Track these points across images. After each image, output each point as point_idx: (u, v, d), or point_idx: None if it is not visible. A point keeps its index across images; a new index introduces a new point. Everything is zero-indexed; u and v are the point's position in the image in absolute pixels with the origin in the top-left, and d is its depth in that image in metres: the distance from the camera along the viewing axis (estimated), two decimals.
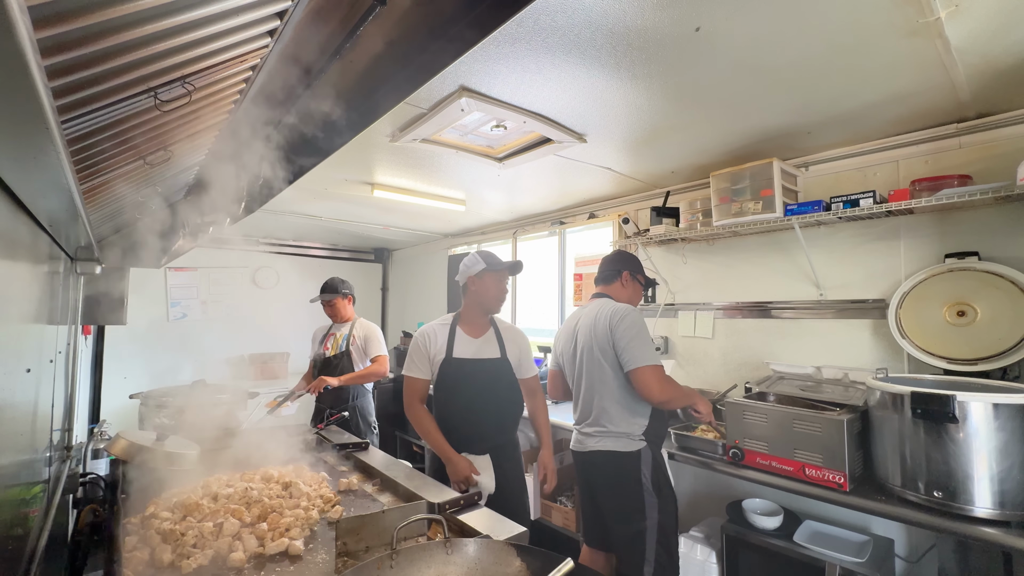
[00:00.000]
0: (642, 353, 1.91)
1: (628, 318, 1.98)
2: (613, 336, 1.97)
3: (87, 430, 3.48)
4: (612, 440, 1.99)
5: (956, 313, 2.00)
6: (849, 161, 2.42)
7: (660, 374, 1.92)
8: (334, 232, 5.10)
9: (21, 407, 1.01)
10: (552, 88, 1.81)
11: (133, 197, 1.70)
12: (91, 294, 2.34)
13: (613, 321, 1.99)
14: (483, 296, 2.19)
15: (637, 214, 3.33)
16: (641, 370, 1.90)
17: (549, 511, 3.12)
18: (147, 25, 0.69)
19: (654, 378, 1.89)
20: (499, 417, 2.20)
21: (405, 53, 0.93)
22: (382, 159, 2.68)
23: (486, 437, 2.15)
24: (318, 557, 1.20)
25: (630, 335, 1.94)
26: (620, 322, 1.97)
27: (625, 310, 2.01)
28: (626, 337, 1.94)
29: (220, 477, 1.61)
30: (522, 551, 1.05)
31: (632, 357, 1.91)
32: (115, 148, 1.08)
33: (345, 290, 3.34)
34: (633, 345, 1.92)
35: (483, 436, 2.15)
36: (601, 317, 2.05)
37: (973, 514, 1.49)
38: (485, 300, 2.19)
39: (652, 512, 1.91)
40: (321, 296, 3.32)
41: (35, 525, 1.16)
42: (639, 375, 1.90)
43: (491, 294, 2.18)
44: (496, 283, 2.19)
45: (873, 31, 1.43)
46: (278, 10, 0.87)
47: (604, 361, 2.02)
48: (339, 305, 3.31)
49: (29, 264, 1.05)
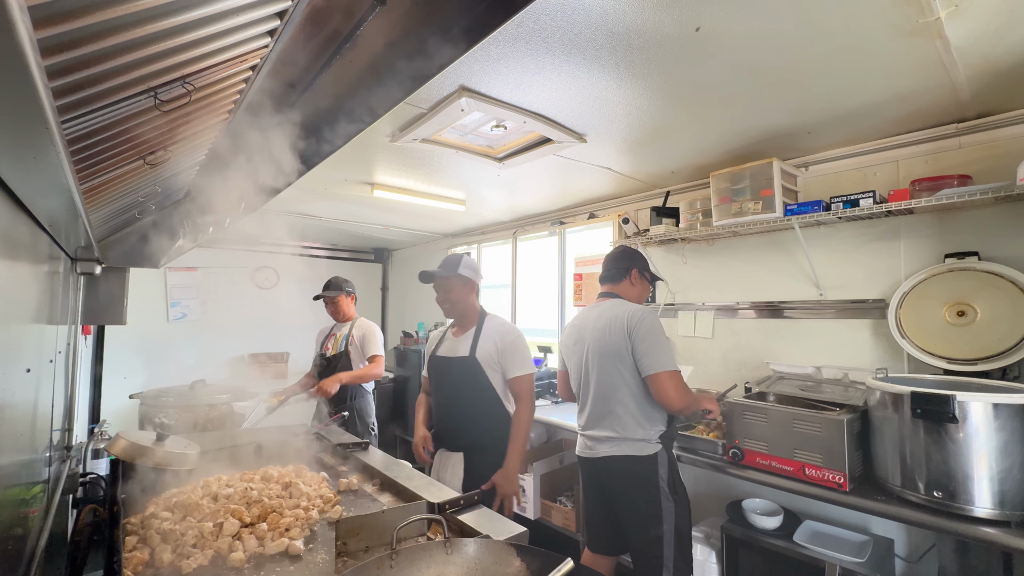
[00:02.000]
0: (662, 358, 1.87)
1: (647, 321, 1.93)
2: (632, 340, 1.92)
3: (87, 430, 3.48)
4: (629, 445, 1.93)
5: (956, 313, 2.00)
6: (849, 161, 2.42)
7: (679, 380, 1.88)
8: (334, 232, 5.10)
9: (21, 407, 1.01)
10: (552, 88, 1.81)
11: (133, 197, 1.70)
12: (91, 294, 2.34)
13: (631, 324, 1.93)
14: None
15: (637, 214, 3.34)
16: (660, 376, 1.85)
17: (549, 511, 3.12)
18: (147, 25, 0.69)
19: (672, 385, 1.85)
20: (466, 416, 2.19)
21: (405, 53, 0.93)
22: (382, 159, 2.68)
23: (457, 435, 2.19)
24: (318, 557, 1.20)
25: (650, 339, 1.90)
26: (639, 325, 1.92)
27: (643, 312, 1.96)
28: (646, 341, 1.89)
29: (220, 477, 1.61)
30: (522, 551, 1.05)
31: (652, 362, 1.87)
32: (115, 148, 1.08)
33: (348, 288, 3.34)
34: (653, 350, 1.88)
35: (454, 434, 2.20)
36: (617, 320, 1.98)
37: (973, 514, 1.50)
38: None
39: (669, 517, 1.87)
40: (324, 293, 3.32)
41: (35, 525, 1.16)
42: (658, 381, 1.86)
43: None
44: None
45: (873, 31, 1.43)
46: (278, 10, 0.87)
47: (620, 365, 1.96)
48: (341, 303, 3.31)
49: (29, 264, 1.05)
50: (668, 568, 1.84)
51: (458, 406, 2.21)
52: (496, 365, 2.19)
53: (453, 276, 2.22)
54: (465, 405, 2.19)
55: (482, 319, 2.27)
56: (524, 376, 2.18)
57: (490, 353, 2.18)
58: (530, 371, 2.20)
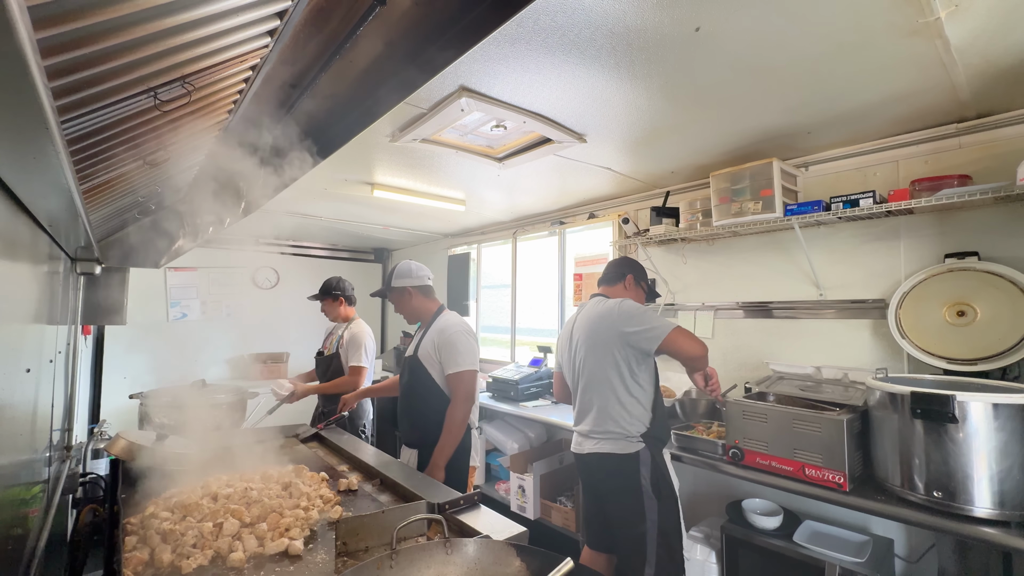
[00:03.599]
0: (660, 325, 1.93)
1: (626, 305, 2.01)
2: (624, 328, 1.96)
3: (87, 430, 3.48)
4: (610, 442, 1.98)
5: (956, 313, 2.00)
6: (849, 161, 2.42)
7: (685, 333, 1.94)
8: (334, 232, 5.10)
9: (21, 407, 1.01)
10: (552, 88, 1.81)
11: (133, 197, 1.71)
12: (91, 294, 2.34)
13: (613, 315, 2.00)
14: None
15: (637, 214, 3.33)
16: (670, 337, 1.91)
17: (549, 511, 3.12)
18: (147, 25, 0.69)
19: (684, 339, 1.92)
20: (416, 413, 2.27)
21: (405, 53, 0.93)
22: (382, 159, 2.68)
23: (411, 432, 2.29)
24: (318, 557, 1.20)
25: (639, 318, 1.96)
26: (622, 313, 1.99)
27: (619, 302, 2.03)
28: (638, 322, 1.95)
29: (220, 477, 1.61)
30: (522, 551, 1.05)
31: (655, 333, 1.92)
32: (115, 148, 1.08)
33: (336, 292, 3.24)
34: (647, 323, 1.94)
35: (409, 430, 2.31)
36: (598, 316, 2.06)
37: (973, 514, 1.49)
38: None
39: (652, 515, 1.90)
40: (312, 297, 3.30)
41: (35, 525, 1.16)
42: (671, 342, 1.91)
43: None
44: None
45: (873, 31, 1.43)
46: (278, 10, 0.88)
47: (609, 355, 2.00)
48: (328, 307, 3.28)
49: (29, 264, 1.05)
50: (651, 564, 1.88)
51: (410, 403, 2.31)
52: (435, 363, 2.23)
53: (390, 291, 2.37)
54: (414, 403, 2.28)
55: (433, 318, 2.34)
56: (459, 373, 2.17)
57: (429, 351, 2.25)
58: (466, 368, 2.18)
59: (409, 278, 2.36)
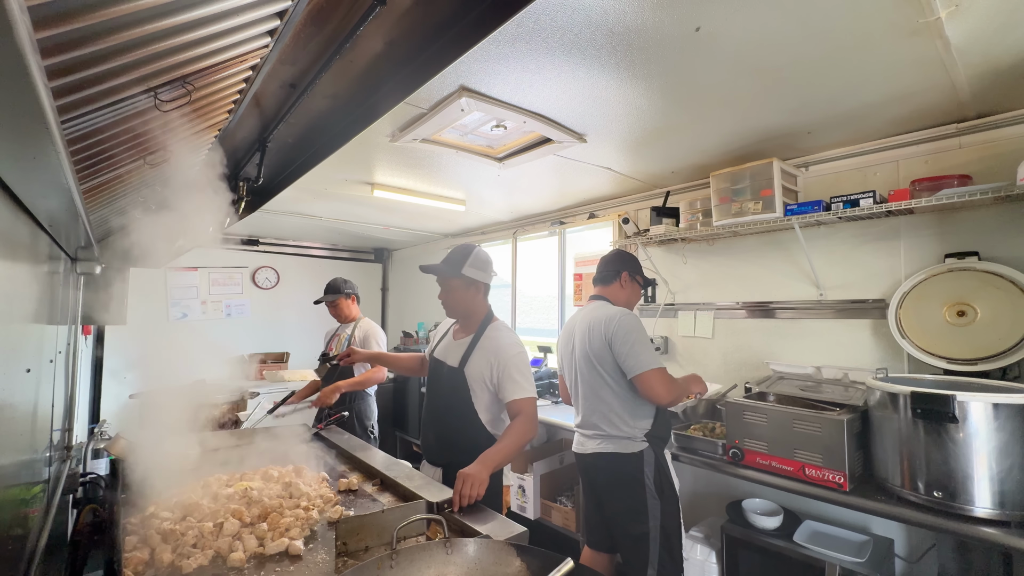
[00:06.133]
0: (644, 358, 1.90)
1: (624, 323, 1.96)
2: (612, 345, 1.96)
3: (87, 430, 3.48)
4: (613, 443, 1.98)
5: (956, 313, 2.00)
6: (849, 161, 2.42)
7: (664, 376, 1.91)
8: (334, 232, 5.10)
9: (21, 407, 1.01)
10: (552, 88, 1.81)
11: (133, 197, 1.70)
12: (91, 294, 2.34)
13: (609, 330, 1.98)
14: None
15: (637, 214, 3.33)
16: (645, 375, 1.89)
17: (549, 511, 3.12)
18: (147, 25, 0.69)
19: (659, 381, 1.89)
20: (448, 430, 1.96)
21: (405, 53, 0.93)
22: (382, 159, 2.68)
23: (439, 449, 1.99)
24: (318, 557, 1.20)
25: (629, 341, 1.93)
26: (617, 329, 1.96)
27: (619, 315, 1.99)
28: (626, 343, 1.93)
29: (220, 477, 1.61)
30: (522, 551, 1.05)
31: (635, 363, 1.91)
32: (115, 148, 1.08)
33: (348, 290, 3.32)
34: (634, 351, 1.92)
35: (436, 446, 2.00)
36: (596, 324, 2.03)
37: (973, 514, 1.49)
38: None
39: (655, 514, 1.91)
40: (324, 297, 3.31)
41: (35, 525, 1.16)
42: (644, 380, 1.89)
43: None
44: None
45: (873, 31, 1.43)
46: (278, 10, 0.87)
47: (600, 367, 2.01)
48: (342, 305, 3.30)
49: (29, 264, 1.05)
50: (653, 564, 1.88)
51: (441, 418, 2.00)
52: (487, 385, 1.91)
53: (455, 276, 1.96)
54: (447, 418, 1.98)
55: (483, 327, 1.99)
56: (522, 400, 1.83)
57: (481, 370, 1.91)
58: (530, 395, 1.86)
59: (484, 272, 2.01)
